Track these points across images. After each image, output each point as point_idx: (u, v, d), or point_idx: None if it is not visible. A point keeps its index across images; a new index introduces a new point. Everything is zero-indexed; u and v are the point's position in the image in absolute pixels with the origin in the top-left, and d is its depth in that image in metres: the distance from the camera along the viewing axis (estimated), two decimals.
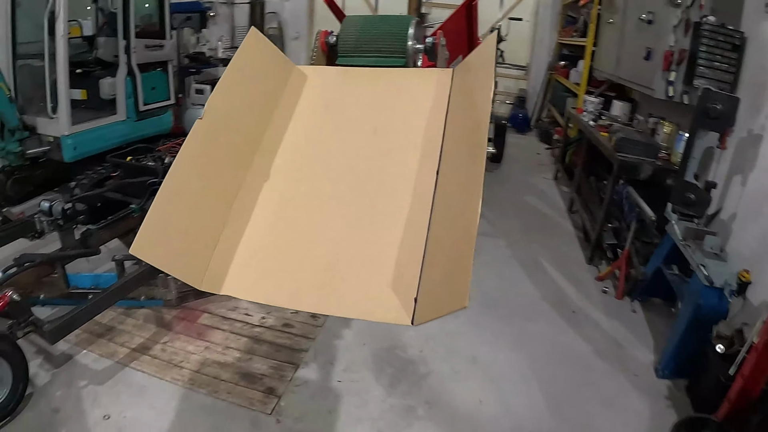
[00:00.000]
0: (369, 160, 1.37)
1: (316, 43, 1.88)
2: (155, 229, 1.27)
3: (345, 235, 1.28)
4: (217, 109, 1.46)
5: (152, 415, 2.83)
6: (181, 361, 3.22)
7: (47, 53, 4.59)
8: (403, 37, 1.69)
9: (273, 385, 2.99)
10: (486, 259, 4.15)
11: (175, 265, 1.26)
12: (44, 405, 2.92)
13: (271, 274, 1.29)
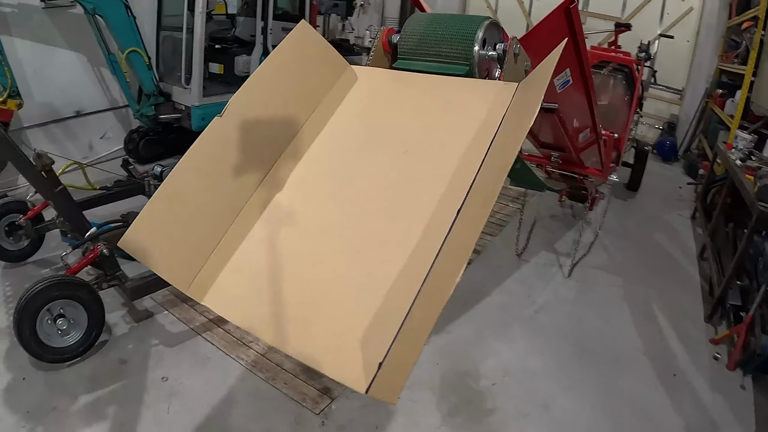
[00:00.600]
0: (388, 189, 1.20)
1: (377, 41, 1.73)
2: (149, 226, 1.24)
3: (335, 273, 1.14)
4: (242, 106, 1.38)
5: (206, 388, 2.89)
6: (250, 342, 3.26)
7: (185, 27, 4.92)
8: (469, 40, 1.48)
9: (331, 386, 2.92)
10: (594, 297, 3.81)
11: (163, 265, 1.22)
12: (114, 354, 3.10)
13: (250, 296, 1.19)
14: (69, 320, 2.97)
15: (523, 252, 4.28)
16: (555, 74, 2.18)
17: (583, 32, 2.13)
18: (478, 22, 1.47)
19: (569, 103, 2.52)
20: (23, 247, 3.91)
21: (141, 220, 1.22)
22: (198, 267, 1.21)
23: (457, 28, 1.50)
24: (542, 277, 4.00)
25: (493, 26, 1.53)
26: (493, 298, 3.72)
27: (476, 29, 1.46)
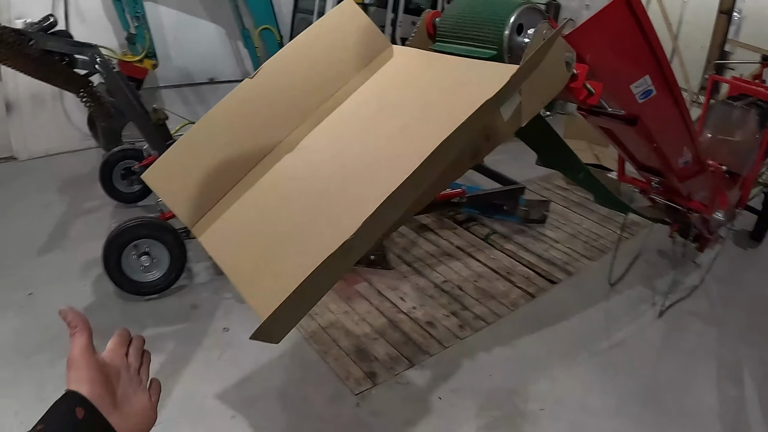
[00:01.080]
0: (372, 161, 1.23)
1: (420, 23, 1.75)
2: (168, 166, 1.36)
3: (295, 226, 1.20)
4: (274, 71, 1.46)
5: (260, 347, 3.01)
6: (316, 314, 3.39)
7: (316, 12, 5.14)
8: (499, 24, 1.44)
9: (377, 371, 2.98)
10: (680, 344, 3.51)
11: (175, 202, 1.35)
12: (188, 299, 3.37)
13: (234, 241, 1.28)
14: (153, 259, 3.27)
15: (618, 283, 4.07)
16: (631, 79, 2.03)
17: (654, 32, 1.91)
18: (513, 6, 1.44)
19: (657, 117, 2.29)
20: (135, 191, 4.39)
21: (162, 160, 1.36)
22: (205, 209, 1.32)
23: (491, 12, 1.48)
24: (630, 312, 3.78)
25: (533, 12, 1.46)
26: (570, 323, 3.59)
27: (509, 14, 1.43)
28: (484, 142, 1.31)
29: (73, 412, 0.73)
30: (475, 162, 1.31)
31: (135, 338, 0.94)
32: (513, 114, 1.34)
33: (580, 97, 1.65)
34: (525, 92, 1.34)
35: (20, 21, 4.77)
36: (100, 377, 0.79)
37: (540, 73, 1.33)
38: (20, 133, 5.71)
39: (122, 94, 3.49)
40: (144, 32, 5.17)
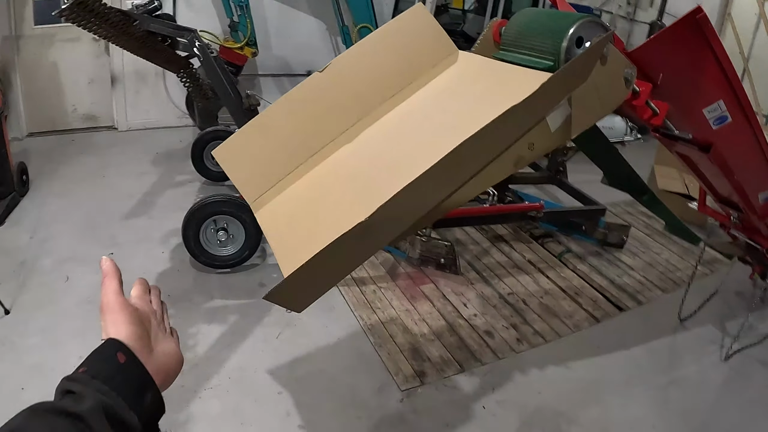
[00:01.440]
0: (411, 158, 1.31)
1: (487, 30, 1.80)
2: (237, 145, 1.51)
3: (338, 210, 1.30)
4: (342, 67, 1.58)
5: (318, 331, 3.24)
6: (378, 308, 3.51)
7: None
8: (558, 36, 1.47)
9: (427, 371, 3.06)
10: (744, 391, 3.32)
11: (239, 178, 1.50)
12: (257, 276, 3.58)
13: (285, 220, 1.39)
14: (229, 235, 3.49)
15: (688, 319, 3.95)
16: (703, 102, 1.98)
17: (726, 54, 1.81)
18: (575, 19, 1.47)
19: (733, 147, 2.20)
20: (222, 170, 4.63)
21: (233, 139, 1.51)
22: (266, 188, 1.45)
23: (552, 23, 1.52)
24: (695, 350, 3.67)
25: (594, 25, 1.49)
26: (631, 353, 3.52)
27: (569, 26, 1.46)
28: (527, 151, 1.36)
29: (114, 357, 0.75)
30: (518, 168, 1.36)
31: (153, 287, 0.96)
32: (562, 125, 1.39)
33: (644, 116, 1.66)
34: (576, 104, 1.38)
35: (129, 2, 5.13)
36: (136, 321, 0.82)
37: (593, 86, 1.37)
38: (122, 105, 6.15)
39: (216, 78, 3.72)
40: (246, 21, 5.46)
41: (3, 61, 5.52)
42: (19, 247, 3.87)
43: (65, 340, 2.95)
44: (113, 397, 0.70)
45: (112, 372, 0.73)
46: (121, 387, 0.72)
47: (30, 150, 5.57)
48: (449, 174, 1.17)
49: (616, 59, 1.45)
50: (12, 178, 4.42)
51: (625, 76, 1.51)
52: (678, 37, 1.74)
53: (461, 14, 6.20)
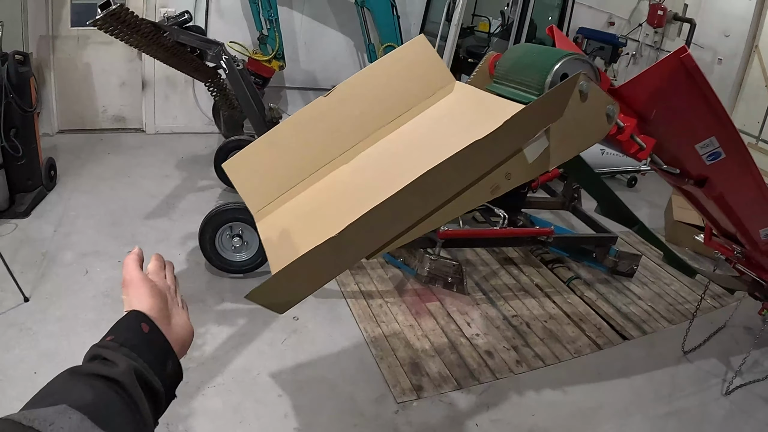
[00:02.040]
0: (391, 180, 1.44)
1: (483, 63, 1.93)
2: (247, 159, 1.67)
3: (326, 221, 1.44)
4: (345, 93, 1.73)
5: (323, 340, 3.38)
6: (383, 321, 3.64)
7: (439, 35, 5.44)
8: (543, 72, 1.59)
9: (425, 386, 3.17)
10: (743, 427, 3.44)
11: (245, 189, 1.65)
12: None
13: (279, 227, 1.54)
14: (244, 242, 3.65)
15: (692, 351, 4.01)
16: (694, 139, 2.04)
17: (713, 93, 1.84)
18: (560, 56, 1.59)
19: (728, 183, 2.30)
20: None
21: (242, 154, 1.67)
22: (268, 200, 1.61)
23: (540, 59, 1.64)
24: (697, 383, 3.73)
25: (579, 63, 1.60)
26: (631, 381, 3.60)
27: (555, 62, 1.59)
28: (504, 180, 1.47)
29: (139, 327, 0.82)
30: (495, 196, 1.47)
31: (167, 263, 1.03)
32: (539, 157, 1.51)
33: (630, 150, 1.77)
34: (554, 138, 1.50)
35: (164, 9, 5.38)
36: (156, 294, 0.89)
37: (573, 121, 1.49)
38: (151, 109, 6.41)
39: (240, 90, 3.90)
40: (275, 35, 5.68)
41: (39, 60, 5.79)
42: (43, 238, 4.10)
43: (80, 330, 3.14)
44: (140, 362, 0.77)
45: (138, 340, 0.80)
46: (146, 354, 0.79)
47: (59, 146, 5.83)
48: (417, 198, 1.30)
49: (596, 96, 1.53)
50: (40, 173, 4.67)
51: (607, 112, 1.59)
52: (664, 75, 1.80)
53: (486, 37, 6.34)
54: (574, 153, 1.59)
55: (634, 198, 7.26)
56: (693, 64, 1.72)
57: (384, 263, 4.35)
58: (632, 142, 1.76)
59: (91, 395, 0.67)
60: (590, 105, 1.52)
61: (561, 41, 2.23)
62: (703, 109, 1.91)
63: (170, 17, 3.98)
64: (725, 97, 8.98)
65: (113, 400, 0.69)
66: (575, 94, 1.46)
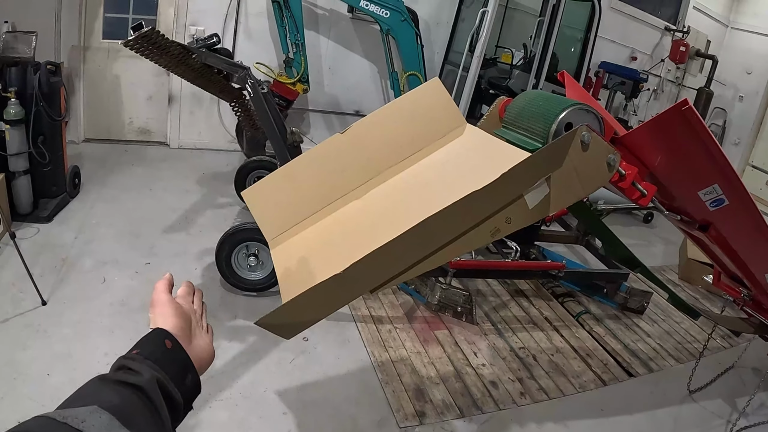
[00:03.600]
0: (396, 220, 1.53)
1: (494, 107, 2.02)
2: (265, 189, 1.78)
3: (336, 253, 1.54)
4: (361, 130, 1.84)
5: (331, 362, 3.46)
6: (390, 347, 3.72)
7: (462, 65, 5.55)
8: (549, 120, 1.67)
9: (428, 412, 3.24)
10: None
11: (262, 218, 1.76)
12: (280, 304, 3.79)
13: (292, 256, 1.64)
14: (260, 261, 3.77)
15: (698, 391, 4.03)
16: (697, 186, 2.10)
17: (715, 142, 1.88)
18: (566, 105, 1.67)
19: (732, 229, 2.36)
20: None
21: (261, 183, 1.79)
22: (283, 230, 1.71)
23: (547, 107, 1.73)
24: (700, 424, 3.75)
25: (584, 113, 1.69)
26: (633, 419, 3.63)
27: (560, 112, 1.67)
28: (505, 224, 1.56)
29: (162, 342, 0.90)
30: (495, 239, 1.56)
31: (197, 290, 1.15)
32: (540, 203, 1.59)
33: (632, 197, 1.85)
34: (555, 185, 1.59)
35: (194, 27, 5.57)
36: (180, 315, 0.98)
37: (573, 170, 1.57)
38: (176, 123, 6.59)
39: (263, 114, 4.03)
40: (300, 58, 5.83)
41: (69, 69, 6.02)
42: (63, 244, 4.25)
43: (93, 336, 3.27)
44: (162, 374, 0.84)
45: (161, 354, 0.87)
46: (167, 367, 0.86)
47: (84, 155, 6.04)
48: (418, 241, 1.40)
49: (598, 146, 1.61)
50: (65, 180, 4.85)
51: (608, 161, 1.67)
52: (667, 126, 1.86)
53: (509, 69, 6.45)
54: (574, 200, 1.66)
55: (649, 234, 7.28)
56: (696, 117, 1.78)
57: (396, 290, 4.43)
58: (634, 189, 1.84)
59: (118, 399, 0.75)
60: (591, 154, 1.60)
61: (571, 88, 2.32)
62: (705, 158, 1.96)
63: (199, 39, 4.12)
64: (745, 135, 9.00)
65: (137, 404, 0.77)
66: (576, 144, 1.55)
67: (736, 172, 2.11)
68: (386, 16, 5.84)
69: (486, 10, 5.41)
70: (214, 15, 6.24)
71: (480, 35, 5.41)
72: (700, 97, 8.59)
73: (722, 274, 3.41)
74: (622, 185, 1.80)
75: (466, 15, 6.58)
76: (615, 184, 1.81)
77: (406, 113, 1.88)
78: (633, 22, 8.24)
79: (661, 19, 8.64)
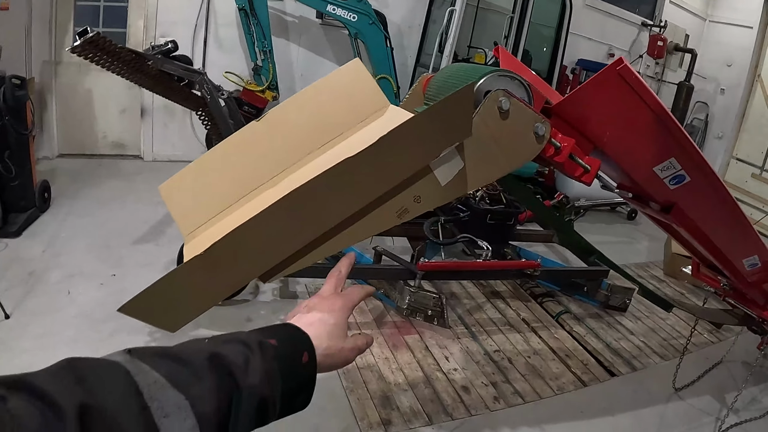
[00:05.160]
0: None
1: (416, 85, 1.83)
2: (179, 183, 1.59)
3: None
4: (277, 117, 1.66)
5: None
6: None
7: (431, 66, 5.40)
8: None
9: (393, 420, 3.03)
10: None
11: (179, 213, 1.57)
12: (246, 311, 3.76)
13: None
14: None
15: (684, 388, 3.80)
16: (651, 161, 1.84)
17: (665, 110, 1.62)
18: (484, 73, 1.48)
19: (699, 209, 2.12)
20: None
21: (176, 177, 1.60)
22: (199, 223, 1.52)
23: (466, 77, 1.54)
24: (687, 422, 3.53)
25: (506, 79, 1.49)
26: (616, 420, 3.41)
27: (477, 79, 1.48)
28: (414, 203, 1.35)
29: (302, 353, 0.83)
30: (403, 220, 1.35)
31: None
32: (455, 179, 1.37)
33: (574, 173, 1.63)
34: (471, 158, 1.37)
35: (164, 39, 5.41)
36: (339, 336, 0.92)
37: (492, 140, 1.37)
38: (149, 136, 6.42)
39: (221, 117, 3.86)
40: (269, 65, 5.66)
41: (41, 84, 5.89)
42: (31, 258, 4.10)
43: (57, 347, 3.13)
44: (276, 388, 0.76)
45: (290, 365, 0.79)
46: (287, 382, 0.78)
47: (58, 170, 5.90)
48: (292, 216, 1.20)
49: (520, 113, 1.42)
50: (34, 194, 4.70)
51: (535, 130, 1.47)
52: (603, 91, 1.62)
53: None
54: (498, 174, 1.46)
55: (633, 231, 7.09)
56: (633, 77, 1.55)
57: None
58: (574, 164, 1.63)
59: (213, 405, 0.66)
60: (513, 123, 1.40)
61: (506, 61, 2.11)
62: (654, 127, 1.72)
63: (156, 46, 3.96)
64: (728, 128, 8.82)
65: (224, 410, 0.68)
66: (492, 111, 1.34)
67: (694, 144, 1.87)
68: (354, 20, 5.71)
69: (454, 9, 5.25)
70: (183, 26, 6.09)
71: (448, 34, 5.24)
72: (681, 92, 8.45)
73: (700, 265, 3.19)
74: (559, 159, 1.59)
75: (436, 16, 6.45)
76: (551, 159, 1.59)
77: (326, 97, 1.70)
78: (609, 18, 8.12)
79: (638, 15, 8.52)
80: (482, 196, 4.72)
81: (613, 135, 1.71)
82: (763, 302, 3.08)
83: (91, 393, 0.55)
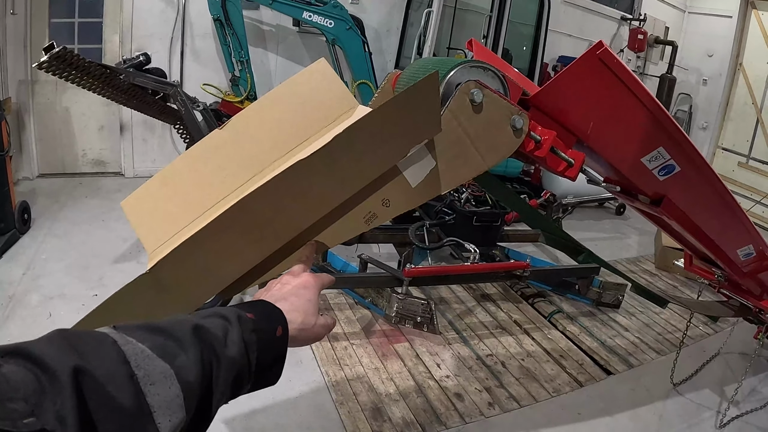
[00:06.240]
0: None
1: (385, 82, 1.71)
2: (144, 198, 1.49)
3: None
4: (241, 123, 1.54)
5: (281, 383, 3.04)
6: (346, 364, 3.39)
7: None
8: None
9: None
10: None
11: (142, 229, 1.47)
12: None
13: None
14: None
15: (683, 383, 3.69)
16: (639, 151, 1.74)
17: (651, 97, 1.52)
18: (453, 65, 1.37)
19: (690, 200, 2.02)
20: None
21: (139, 191, 1.49)
22: (162, 240, 1.40)
23: (434, 69, 1.43)
24: (688, 417, 3.42)
25: (478, 70, 1.38)
26: (614, 420, 3.30)
27: (447, 72, 1.37)
28: (382, 207, 1.24)
29: (275, 328, 0.86)
30: (372, 226, 1.24)
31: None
32: (426, 180, 1.26)
33: (557, 168, 1.52)
34: (443, 156, 1.26)
35: (140, 53, 5.31)
36: (311, 312, 0.95)
37: (465, 136, 1.25)
38: (129, 152, 6.28)
39: (198, 131, 3.76)
40: (247, 76, 5.55)
41: (18, 104, 5.73)
42: (11, 281, 3.95)
43: None
44: (253, 358, 0.79)
45: (266, 338, 0.83)
46: (263, 354, 0.81)
47: (38, 190, 5.75)
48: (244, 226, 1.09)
49: (495, 106, 1.30)
50: (13, 216, 4.54)
51: (513, 123, 1.36)
52: (583, 78, 1.51)
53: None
54: (474, 173, 1.34)
55: (623, 226, 7.01)
56: (615, 61, 1.44)
57: (353, 304, 4.10)
58: (557, 159, 1.51)
59: (196, 373, 0.68)
60: (487, 116, 1.29)
61: (480, 53, 2.00)
62: (640, 115, 1.62)
63: (127, 59, 3.84)
64: (712, 118, 8.79)
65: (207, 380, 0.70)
66: (465, 105, 1.23)
67: (683, 132, 1.76)
68: (330, 26, 5.62)
69: (431, 11, 5.16)
70: (159, 39, 5.97)
71: (427, 36, 5.14)
72: (663, 84, 8.42)
73: (693, 257, 3.09)
74: (540, 154, 1.47)
75: (414, 19, 6.37)
76: (532, 154, 1.48)
77: (291, 101, 1.58)
78: (589, 14, 8.05)
79: (617, 10, 8.47)
80: (467, 198, 4.63)
81: (596, 125, 1.60)
82: (760, 292, 2.99)
83: (83, 357, 0.58)
